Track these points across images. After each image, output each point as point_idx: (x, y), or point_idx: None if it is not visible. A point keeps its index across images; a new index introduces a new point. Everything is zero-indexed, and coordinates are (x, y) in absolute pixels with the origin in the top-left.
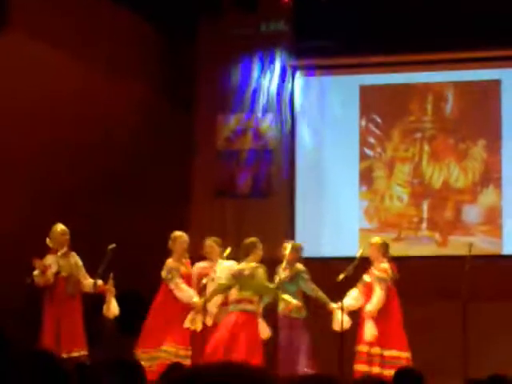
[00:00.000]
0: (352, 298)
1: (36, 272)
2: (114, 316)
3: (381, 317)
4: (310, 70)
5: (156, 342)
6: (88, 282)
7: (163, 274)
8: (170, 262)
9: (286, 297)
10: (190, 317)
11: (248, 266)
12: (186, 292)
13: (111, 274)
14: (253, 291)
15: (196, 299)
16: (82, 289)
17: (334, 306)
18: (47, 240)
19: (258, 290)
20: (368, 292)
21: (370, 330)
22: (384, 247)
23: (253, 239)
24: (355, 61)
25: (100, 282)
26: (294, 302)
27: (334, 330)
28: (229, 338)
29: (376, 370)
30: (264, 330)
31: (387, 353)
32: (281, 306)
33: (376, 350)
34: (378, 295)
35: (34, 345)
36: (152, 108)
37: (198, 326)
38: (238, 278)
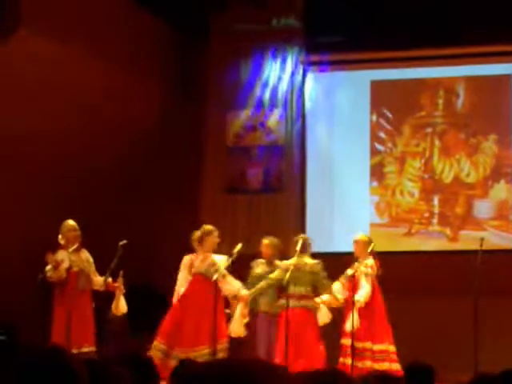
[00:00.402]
0: (334, 291)
1: (49, 267)
2: (122, 314)
3: (366, 312)
4: (320, 66)
5: (208, 338)
6: (98, 279)
7: (203, 269)
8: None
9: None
10: (239, 310)
11: (303, 261)
12: (233, 285)
13: (121, 272)
14: (310, 287)
15: (244, 292)
16: (92, 286)
17: (317, 300)
18: (59, 236)
19: (316, 286)
20: (351, 286)
21: (351, 321)
22: (369, 244)
23: (306, 236)
24: (366, 56)
25: (110, 279)
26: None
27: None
28: (296, 337)
29: (368, 364)
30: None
31: (377, 347)
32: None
33: (367, 344)
34: (366, 288)
35: (45, 340)
36: (163, 104)
37: (247, 319)
38: (291, 273)
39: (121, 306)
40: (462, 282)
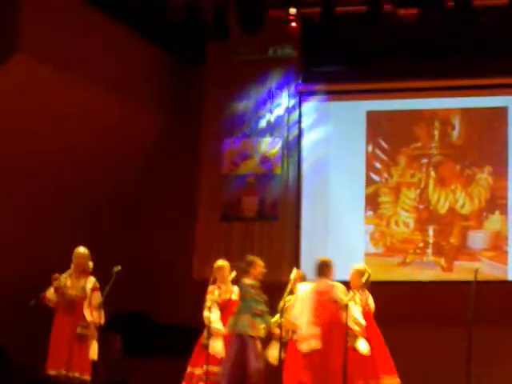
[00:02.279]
0: None
1: (51, 290)
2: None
3: None
4: (317, 95)
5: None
6: (87, 315)
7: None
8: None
9: None
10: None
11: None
12: None
13: (95, 320)
14: None
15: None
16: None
17: None
18: None
19: None
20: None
21: None
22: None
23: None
24: (362, 86)
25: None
26: None
27: None
28: None
29: None
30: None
31: None
32: None
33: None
34: None
35: (39, 362)
36: (159, 131)
37: None
38: None
39: (91, 352)
40: (456, 312)
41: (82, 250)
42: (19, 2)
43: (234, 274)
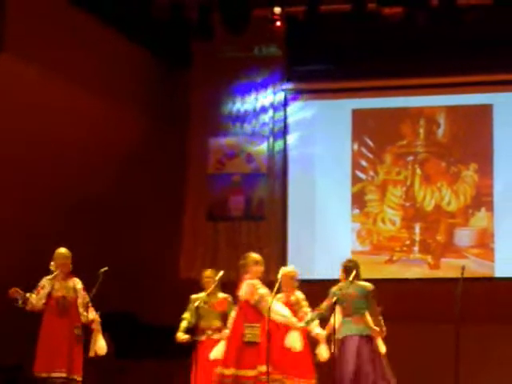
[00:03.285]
0: None
1: (20, 301)
2: (101, 355)
3: None
4: (302, 94)
5: None
6: (83, 314)
7: None
8: None
9: None
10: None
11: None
12: None
13: (98, 313)
14: None
15: None
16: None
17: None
18: (51, 263)
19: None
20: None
21: None
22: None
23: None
24: (348, 85)
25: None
26: None
27: None
28: None
29: None
30: None
31: None
32: None
33: None
34: None
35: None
36: (145, 131)
37: None
38: None
39: (98, 347)
40: (444, 309)
41: (64, 250)
42: (4, 2)
43: (220, 274)
